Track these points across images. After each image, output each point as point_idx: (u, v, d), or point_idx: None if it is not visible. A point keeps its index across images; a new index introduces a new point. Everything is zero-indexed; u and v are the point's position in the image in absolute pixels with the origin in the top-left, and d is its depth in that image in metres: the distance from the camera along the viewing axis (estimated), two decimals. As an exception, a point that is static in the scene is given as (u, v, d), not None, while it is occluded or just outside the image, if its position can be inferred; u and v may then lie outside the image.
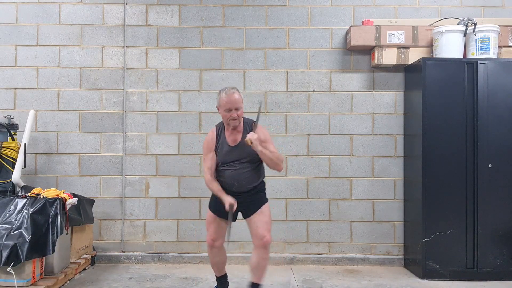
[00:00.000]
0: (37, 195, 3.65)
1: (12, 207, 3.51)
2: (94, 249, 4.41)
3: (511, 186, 3.98)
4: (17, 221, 3.41)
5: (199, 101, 4.53)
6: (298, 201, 4.51)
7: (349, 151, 4.52)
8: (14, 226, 3.38)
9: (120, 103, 4.54)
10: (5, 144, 4.08)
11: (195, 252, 4.49)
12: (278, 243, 4.47)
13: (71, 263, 3.94)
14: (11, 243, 3.24)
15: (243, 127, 3.19)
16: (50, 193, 3.70)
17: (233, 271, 3.98)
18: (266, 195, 3.30)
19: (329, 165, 4.51)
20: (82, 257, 4.12)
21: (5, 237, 3.29)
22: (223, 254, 3.35)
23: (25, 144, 4.06)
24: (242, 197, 3.16)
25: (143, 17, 4.57)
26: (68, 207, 3.67)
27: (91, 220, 4.23)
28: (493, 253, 3.96)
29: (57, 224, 3.49)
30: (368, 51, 4.50)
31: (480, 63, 3.99)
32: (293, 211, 4.51)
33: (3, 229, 3.36)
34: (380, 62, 4.32)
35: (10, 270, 3.20)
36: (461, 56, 4.14)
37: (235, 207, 3.07)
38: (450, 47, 4.09)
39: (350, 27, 4.37)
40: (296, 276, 4.10)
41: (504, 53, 4.25)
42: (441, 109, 4.00)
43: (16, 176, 3.98)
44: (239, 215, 3.25)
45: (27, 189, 3.95)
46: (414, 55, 4.28)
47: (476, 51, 4.11)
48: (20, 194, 3.91)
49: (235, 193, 3.14)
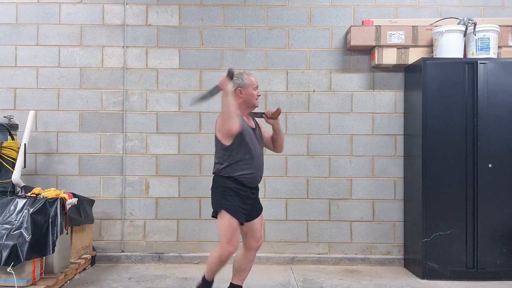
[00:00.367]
0: (37, 195, 3.65)
1: (12, 207, 3.51)
2: (94, 249, 4.41)
3: (511, 186, 3.98)
4: (17, 221, 3.41)
5: (199, 101, 4.53)
6: (298, 201, 4.51)
7: (349, 151, 4.52)
8: (14, 226, 3.38)
9: (120, 103, 4.54)
10: (5, 144, 4.07)
11: (195, 252, 4.49)
12: (278, 243, 4.48)
13: (71, 263, 3.94)
14: (11, 243, 3.24)
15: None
16: (50, 193, 3.70)
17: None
18: None
19: (329, 165, 4.51)
20: (82, 257, 4.12)
21: (5, 237, 3.29)
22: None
23: (25, 144, 4.06)
24: (255, 193, 3.14)
25: (143, 17, 4.56)
26: (68, 207, 3.67)
27: (91, 220, 4.23)
28: (493, 253, 3.96)
29: (57, 224, 3.49)
30: (368, 51, 4.50)
31: (480, 63, 3.99)
32: (293, 211, 4.51)
33: (3, 229, 3.36)
34: (380, 62, 4.32)
35: (10, 270, 3.20)
36: (461, 56, 4.14)
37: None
38: (450, 47, 4.09)
39: (350, 27, 4.37)
40: (296, 276, 4.10)
41: (504, 53, 4.25)
42: (441, 109, 4.00)
43: (16, 176, 3.98)
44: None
45: (27, 189, 3.94)
46: (414, 55, 4.28)
47: (476, 51, 4.10)
48: (20, 194, 3.91)
49: (253, 190, 3.10)
